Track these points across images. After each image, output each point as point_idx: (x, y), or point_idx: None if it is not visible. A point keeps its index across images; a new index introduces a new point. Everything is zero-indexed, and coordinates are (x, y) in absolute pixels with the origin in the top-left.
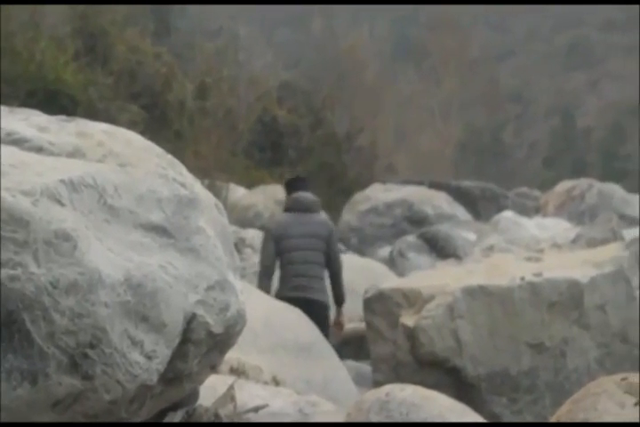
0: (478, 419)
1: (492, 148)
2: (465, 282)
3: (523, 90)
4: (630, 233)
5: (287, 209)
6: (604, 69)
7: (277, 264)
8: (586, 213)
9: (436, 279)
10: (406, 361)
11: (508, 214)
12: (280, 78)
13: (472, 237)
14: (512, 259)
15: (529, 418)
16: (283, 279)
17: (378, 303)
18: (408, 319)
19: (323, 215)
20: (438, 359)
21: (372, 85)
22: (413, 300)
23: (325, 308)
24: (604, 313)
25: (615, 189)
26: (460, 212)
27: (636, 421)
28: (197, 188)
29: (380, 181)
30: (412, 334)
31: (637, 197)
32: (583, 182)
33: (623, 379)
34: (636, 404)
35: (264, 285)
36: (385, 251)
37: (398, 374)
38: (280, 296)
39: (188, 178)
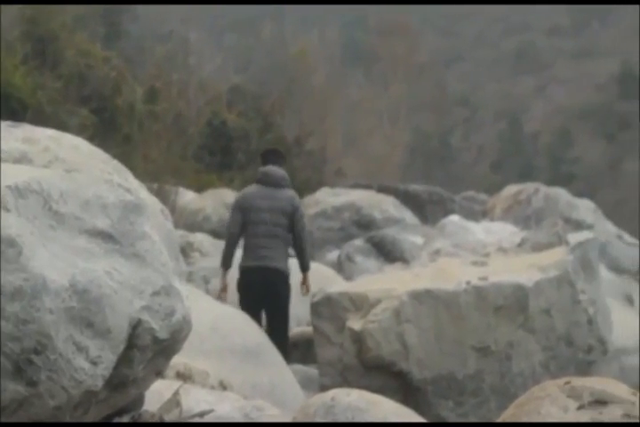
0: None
1: (440, 152)
2: (411, 286)
3: (471, 94)
4: (575, 237)
5: (257, 181)
6: (551, 74)
7: (243, 234)
8: (532, 217)
9: (382, 283)
10: (353, 365)
11: (454, 218)
12: (230, 82)
13: (419, 240)
14: (458, 263)
15: (474, 421)
16: (246, 250)
17: (325, 307)
18: (355, 323)
19: (290, 191)
20: (385, 363)
21: (321, 90)
22: (360, 304)
23: (285, 276)
24: (549, 317)
25: (561, 193)
26: (408, 216)
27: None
28: (143, 193)
29: (329, 185)
30: (358, 338)
31: (584, 201)
32: (530, 186)
33: (566, 383)
34: (579, 408)
35: (228, 252)
36: (333, 255)
37: (345, 377)
38: (243, 266)
39: (134, 184)
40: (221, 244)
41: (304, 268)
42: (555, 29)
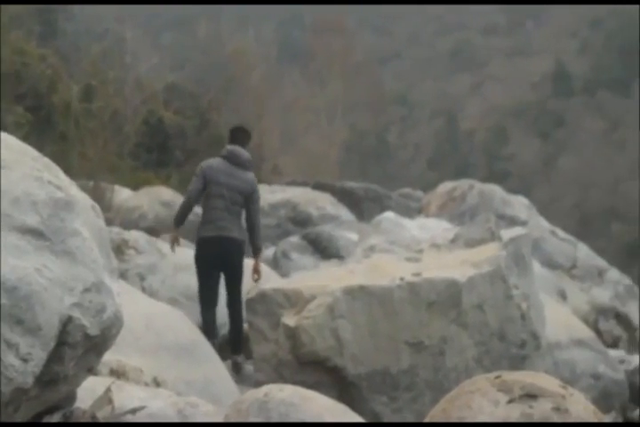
0: (357, 419)
1: (377, 149)
2: (346, 282)
3: (407, 93)
4: (508, 233)
5: (223, 157)
6: (486, 72)
7: (202, 205)
8: (467, 213)
9: (317, 280)
10: (288, 361)
11: (389, 215)
12: (166, 81)
13: (355, 237)
14: (392, 259)
15: (409, 416)
16: (204, 222)
17: (260, 304)
18: (289, 319)
19: (251, 174)
20: (319, 359)
21: (257, 88)
22: (295, 300)
23: (241, 244)
24: (482, 312)
25: (496, 190)
26: (344, 212)
27: (511, 418)
28: (74, 190)
29: (266, 182)
30: (293, 334)
31: (518, 197)
32: (464, 183)
33: (497, 377)
34: (509, 401)
35: (182, 212)
36: (269, 251)
37: (280, 373)
38: (201, 237)
39: (65, 181)
40: (157, 241)
41: (256, 249)
42: (489, 28)
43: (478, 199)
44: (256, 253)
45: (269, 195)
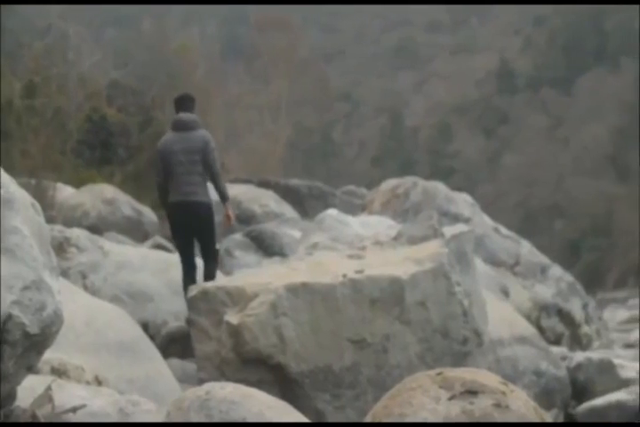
0: (299, 416)
1: (322, 147)
2: (288, 280)
3: (352, 90)
4: (451, 230)
5: (171, 128)
6: (431, 70)
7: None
8: (410, 210)
9: (260, 277)
10: (230, 359)
11: (332, 212)
12: (109, 77)
13: (298, 235)
14: (335, 257)
15: (352, 414)
16: (172, 188)
17: (202, 302)
18: (232, 317)
19: (201, 131)
20: (262, 356)
21: (202, 85)
22: (237, 298)
23: (209, 207)
24: (424, 309)
25: (439, 187)
26: (288, 210)
27: (451, 414)
28: (13, 187)
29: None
30: (236, 332)
31: (461, 194)
32: (408, 180)
33: (438, 374)
34: (450, 398)
35: (162, 195)
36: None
37: (222, 372)
38: (172, 201)
39: (4, 178)
40: (99, 239)
41: (223, 198)
42: (434, 25)
43: (422, 197)
44: (223, 200)
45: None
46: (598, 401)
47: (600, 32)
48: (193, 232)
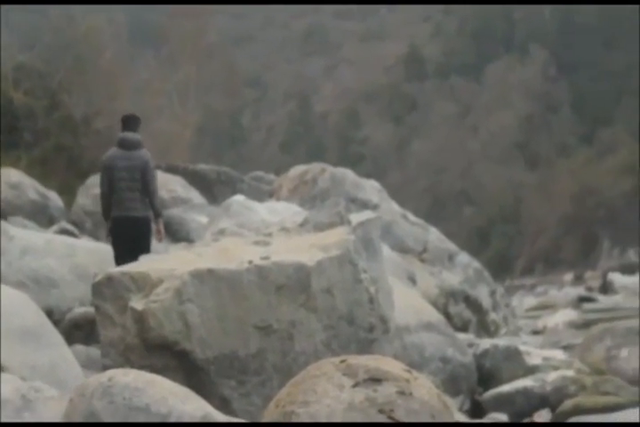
0: (203, 403)
1: (231, 132)
2: (194, 266)
3: (261, 75)
4: (357, 217)
5: (117, 145)
6: (340, 56)
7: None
8: (318, 197)
9: (165, 263)
10: (135, 345)
11: (239, 198)
12: (15, 60)
13: (205, 220)
14: (241, 243)
15: (257, 400)
16: (114, 203)
17: (107, 288)
18: (137, 303)
19: (143, 151)
20: (167, 343)
21: (109, 69)
22: (142, 284)
23: (147, 222)
24: (330, 296)
25: (347, 174)
26: (195, 195)
27: (355, 402)
28: None
29: None
30: (140, 318)
31: (369, 181)
32: (316, 167)
33: (342, 361)
34: (354, 385)
35: (105, 206)
36: None
37: (127, 358)
38: (114, 216)
39: None
40: (3, 223)
41: (156, 215)
42: (343, 12)
43: (329, 183)
44: (157, 216)
45: None
46: (504, 388)
47: (509, 20)
48: (131, 242)
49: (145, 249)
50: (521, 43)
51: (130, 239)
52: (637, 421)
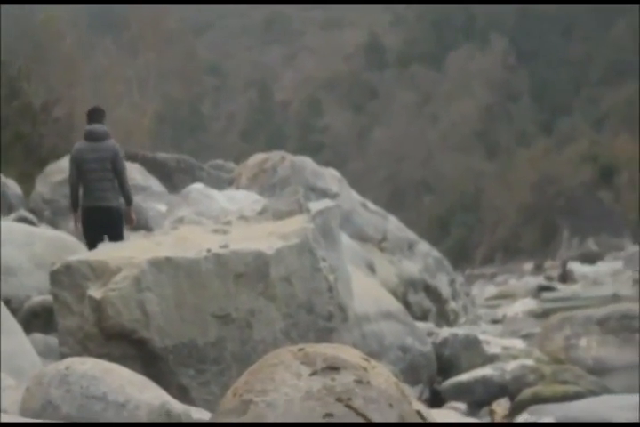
0: (160, 392)
1: (191, 120)
2: (152, 254)
3: (221, 63)
4: (316, 206)
5: (84, 138)
6: (301, 44)
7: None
8: (277, 185)
9: (123, 252)
10: (93, 334)
11: (198, 187)
12: None
13: (164, 209)
14: (200, 231)
15: (216, 389)
16: (85, 194)
17: (65, 276)
18: (95, 292)
19: (111, 141)
20: (125, 331)
21: (69, 56)
22: (101, 272)
23: (118, 211)
24: (289, 284)
25: (307, 162)
26: (154, 183)
27: (313, 390)
28: None
29: None
30: (99, 307)
31: (329, 169)
32: (275, 155)
33: (300, 349)
34: (312, 374)
35: (73, 198)
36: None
37: (86, 346)
38: (86, 206)
39: None
40: None
41: (128, 201)
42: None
43: (289, 171)
44: (128, 204)
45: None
46: (464, 377)
47: (469, 9)
48: (103, 231)
49: (118, 237)
50: (481, 31)
51: (102, 228)
52: (596, 410)
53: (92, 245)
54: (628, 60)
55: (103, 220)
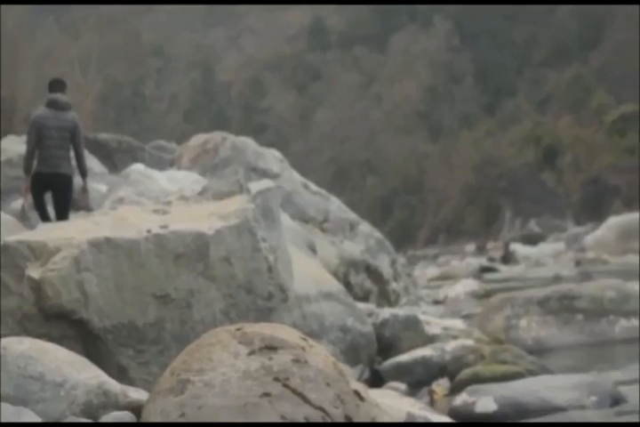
0: (98, 371)
1: (133, 101)
2: (92, 235)
3: (163, 44)
4: (257, 186)
5: (46, 105)
6: (244, 25)
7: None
8: (219, 166)
9: (63, 232)
10: (32, 314)
11: (138, 167)
12: None
13: (105, 189)
14: (139, 211)
15: (155, 369)
16: (40, 160)
17: (3, 256)
18: (34, 272)
19: (72, 114)
20: (64, 312)
21: (10, 37)
22: (40, 252)
23: (70, 179)
24: (229, 265)
25: (249, 143)
26: (96, 164)
27: (251, 369)
28: None
29: (18, 133)
30: (38, 287)
31: (270, 150)
32: (217, 136)
33: (238, 329)
34: (249, 353)
35: (28, 161)
36: (18, 204)
37: (25, 327)
38: (39, 171)
39: None
40: None
41: (83, 173)
42: None
43: (230, 152)
44: (84, 176)
45: (18, 146)
46: (403, 357)
47: None
48: (53, 198)
49: (65, 204)
50: (425, 13)
51: (52, 195)
52: (535, 390)
53: (42, 208)
54: (572, 43)
55: (54, 186)
